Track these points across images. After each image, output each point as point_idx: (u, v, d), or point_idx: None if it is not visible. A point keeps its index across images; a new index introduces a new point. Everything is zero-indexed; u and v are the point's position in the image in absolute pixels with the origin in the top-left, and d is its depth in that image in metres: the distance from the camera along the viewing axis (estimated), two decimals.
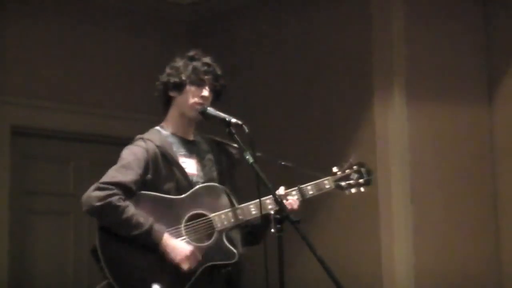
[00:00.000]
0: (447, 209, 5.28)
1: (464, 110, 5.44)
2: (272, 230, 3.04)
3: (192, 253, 3.16)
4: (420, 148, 5.25)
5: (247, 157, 3.08)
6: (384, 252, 5.14)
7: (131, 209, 3.11)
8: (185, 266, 3.14)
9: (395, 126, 5.20)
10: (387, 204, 5.15)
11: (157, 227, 3.14)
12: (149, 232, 3.11)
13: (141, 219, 3.11)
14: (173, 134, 3.36)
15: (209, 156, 3.40)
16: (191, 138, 3.40)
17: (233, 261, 3.24)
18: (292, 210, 3.28)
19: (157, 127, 3.40)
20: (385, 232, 5.15)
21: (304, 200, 3.37)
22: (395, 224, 5.13)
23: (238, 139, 3.16)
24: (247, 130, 3.12)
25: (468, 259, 5.27)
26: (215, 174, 3.37)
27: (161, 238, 3.13)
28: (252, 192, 3.25)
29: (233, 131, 3.18)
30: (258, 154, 3.12)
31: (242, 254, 3.29)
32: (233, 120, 3.20)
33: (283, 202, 3.11)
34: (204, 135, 3.46)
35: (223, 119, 3.22)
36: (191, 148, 3.37)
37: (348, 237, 5.33)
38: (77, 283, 5.83)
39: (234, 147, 3.42)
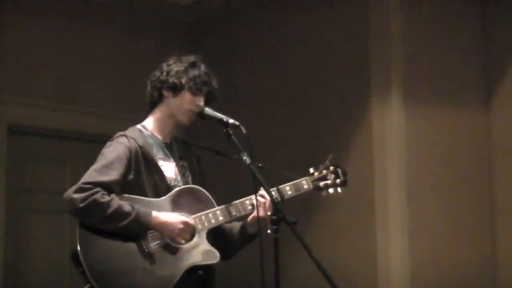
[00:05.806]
0: (443, 212, 5.28)
1: (462, 112, 5.45)
2: (268, 231, 3.04)
3: (185, 225, 3.17)
4: (417, 150, 5.25)
5: (244, 158, 3.08)
6: (380, 254, 5.14)
7: (115, 202, 3.08)
8: (182, 240, 3.16)
9: (392, 128, 5.20)
10: (384, 206, 5.15)
11: (143, 211, 3.11)
12: (137, 218, 3.08)
13: (126, 209, 3.08)
14: (153, 135, 3.33)
15: (184, 159, 3.39)
16: (168, 141, 3.38)
17: (215, 261, 3.23)
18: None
19: (138, 126, 3.36)
20: (382, 234, 5.14)
21: (283, 201, 3.34)
22: (391, 226, 5.13)
23: (235, 139, 3.15)
24: (244, 131, 3.11)
25: (464, 261, 5.27)
26: (190, 178, 3.36)
27: (150, 221, 3.11)
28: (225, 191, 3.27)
29: (231, 131, 3.17)
30: (235, 156, 3.11)
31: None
32: (231, 120, 3.19)
33: (280, 203, 3.10)
34: (175, 137, 3.43)
35: (221, 120, 3.21)
36: (169, 152, 3.35)
37: (344, 239, 5.33)
38: (73, 282, 5.81)
39: (201, 148, 3.44)
